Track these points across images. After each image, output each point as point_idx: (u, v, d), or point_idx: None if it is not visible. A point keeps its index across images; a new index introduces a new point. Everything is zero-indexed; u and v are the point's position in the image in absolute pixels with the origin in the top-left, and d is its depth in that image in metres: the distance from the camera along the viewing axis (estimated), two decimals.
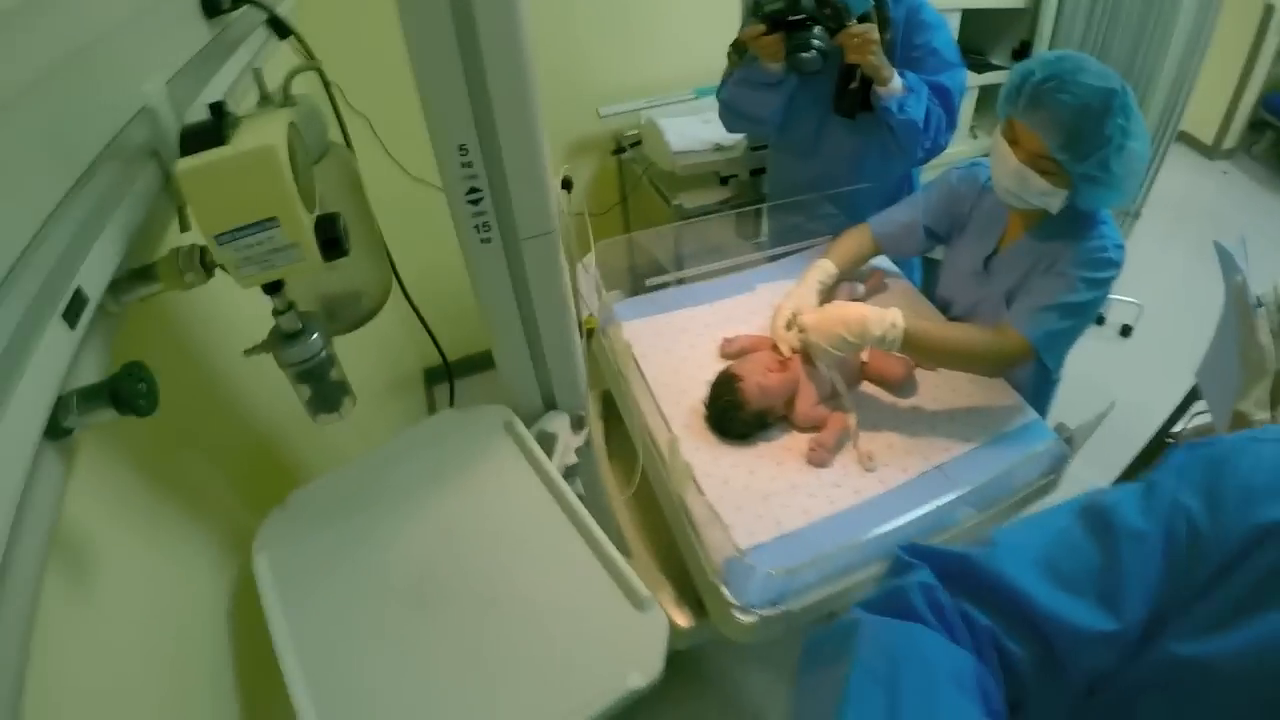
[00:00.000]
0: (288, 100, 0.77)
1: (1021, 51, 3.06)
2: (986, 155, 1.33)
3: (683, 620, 1.24)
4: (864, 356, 1.37)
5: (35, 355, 0.47)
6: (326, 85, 0.90)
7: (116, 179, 0.63)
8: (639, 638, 0.77)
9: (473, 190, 0.73)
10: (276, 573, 0.78)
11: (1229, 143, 5.13)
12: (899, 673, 0.49)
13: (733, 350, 1.41)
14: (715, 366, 1.35)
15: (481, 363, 2.31)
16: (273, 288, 0.68)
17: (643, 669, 0.74)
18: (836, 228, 1.65)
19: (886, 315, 1.20)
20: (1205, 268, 2.81)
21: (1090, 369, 2.98)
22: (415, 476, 0.91)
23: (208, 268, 0.66)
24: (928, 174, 1.78)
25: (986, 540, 0.57)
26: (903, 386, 1.37)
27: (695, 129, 2.19)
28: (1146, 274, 3.64)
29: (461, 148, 0.70)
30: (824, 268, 1.46)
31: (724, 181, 2.26)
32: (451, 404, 1.31)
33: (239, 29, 0.96)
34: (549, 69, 2.12)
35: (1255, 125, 5.16)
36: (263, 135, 0.60)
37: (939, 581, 0.56)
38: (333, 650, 0.74)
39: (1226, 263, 1.64)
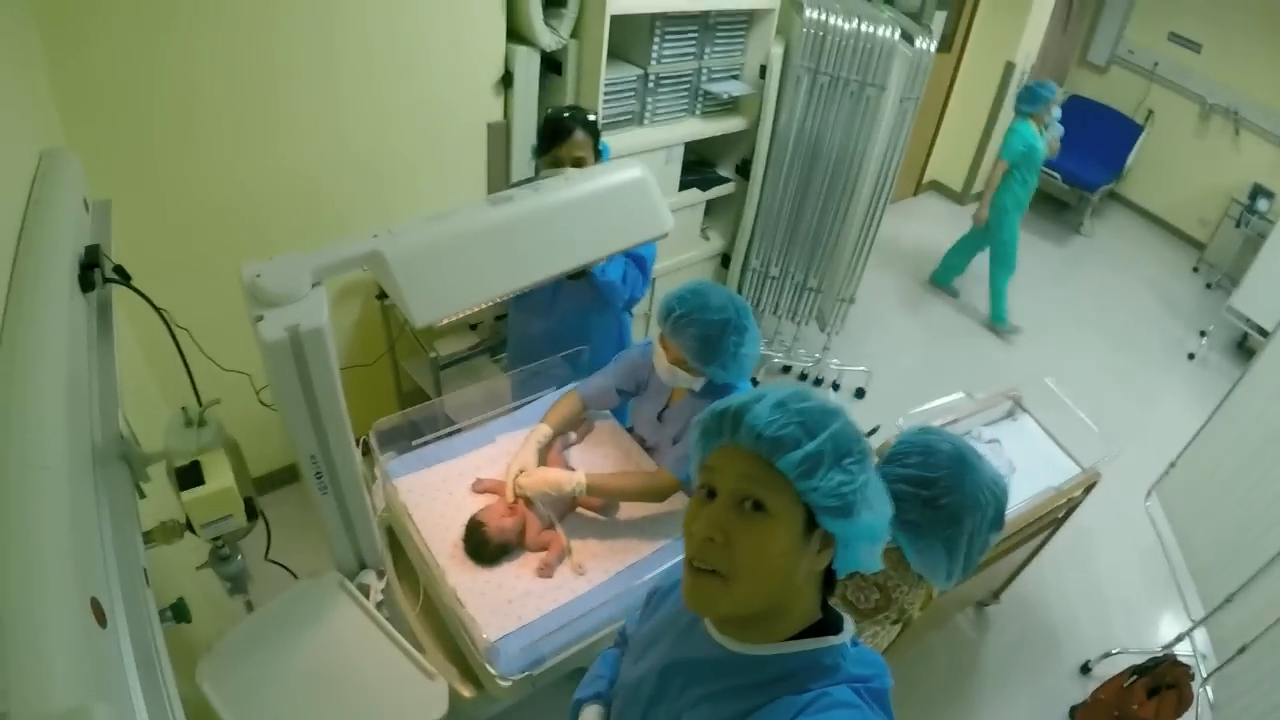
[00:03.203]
0: (204, 421, 1.78)
1: (743, 167, 4.30)
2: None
3: (467, 691, 2.28)
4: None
5: None
6: (173, 333, 1.76)
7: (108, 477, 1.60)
8: (432, 694, 1.91)
9: (318, 473, 1.80)
10: (220, 691, 1.80)
11: (978, 186, 6.81)
12: (600, 659, 1.67)
13: (482, 488, 2.52)
14: (470, 505, 2.44)
15: (282, 478, 3.52)
16: (217, 539, 1.71)
17: (437, 708, 1.87)
18: (563, 378, 2.87)
19: (575, 476, 2.37)
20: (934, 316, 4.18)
21: None
22: (290, 623, 1.97)
23: (181, 533, 1.68)
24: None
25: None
26: (606, 509, 2.54)
27: None
28: (874, 340, 5.07)
29: (312, 456, 1.77)
30: (541, 431, 2.59)
31: (473, 327, 3.46)
32: (268, 529, 2.14)
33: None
34: (313, 220, 3.07)
35: None
36: (221, 478, 1.64)
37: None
38: None
39: None
